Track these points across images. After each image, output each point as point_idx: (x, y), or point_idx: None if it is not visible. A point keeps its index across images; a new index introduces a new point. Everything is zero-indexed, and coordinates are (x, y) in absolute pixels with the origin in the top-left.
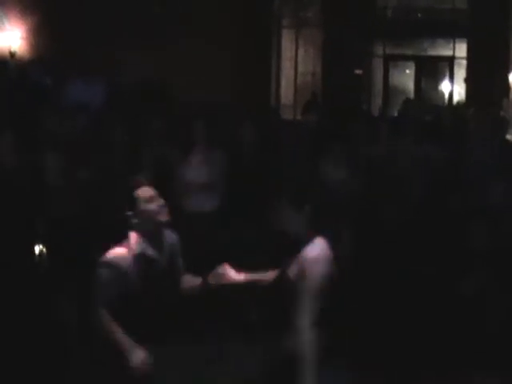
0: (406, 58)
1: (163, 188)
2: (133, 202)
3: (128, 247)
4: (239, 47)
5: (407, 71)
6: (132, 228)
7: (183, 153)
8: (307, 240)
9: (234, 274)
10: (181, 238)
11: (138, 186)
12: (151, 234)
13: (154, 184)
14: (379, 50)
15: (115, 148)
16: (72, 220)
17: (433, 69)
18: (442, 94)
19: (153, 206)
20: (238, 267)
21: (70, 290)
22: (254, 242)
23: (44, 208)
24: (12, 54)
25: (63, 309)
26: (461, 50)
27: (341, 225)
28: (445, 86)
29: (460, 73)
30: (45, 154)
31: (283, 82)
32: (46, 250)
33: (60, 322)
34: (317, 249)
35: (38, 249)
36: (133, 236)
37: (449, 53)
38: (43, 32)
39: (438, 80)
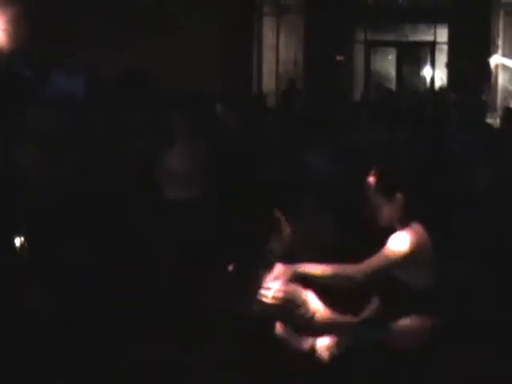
0: (388, 43)
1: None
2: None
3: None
4: (220, 36)
5: (389, 57)
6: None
7: (165, 143)
8: (400, 227)
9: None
10: (164, 228)
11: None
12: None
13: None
14: (361, 36)
15: (97, 140)
16: (52, 213)
17: (414, 54)
18: (424, 80)
19: (288, 227)
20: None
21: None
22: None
23: (25, 201)
24: None
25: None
26: (442, 35)
27: (324, 211)
28: (426, 72)
29: (441, 58)
30: (25, 146)
31: (265, 70)
32: (27, 242)
33: (37, 314)
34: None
35: (19, 241)
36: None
37: (430, 38)
38: (23, 23)
39: (419, 65)
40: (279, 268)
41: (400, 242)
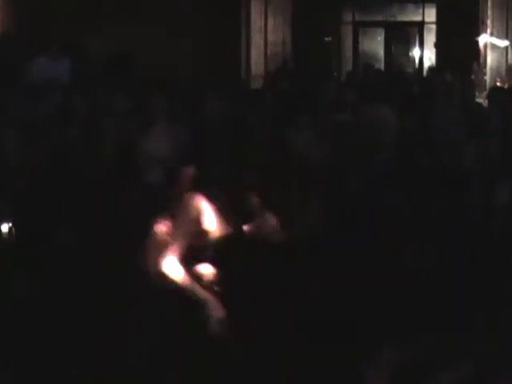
0: (376, 24)
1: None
2: None
3: None
4: (208, 19)
5: (378, 38)
6: None
7: (145, 126)
8: None
9: None
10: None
11: None
12: None
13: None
14: (348, 16)
15: (78, 123)
16: (36, 196)
17: (403, 34)
18: (413, 60)
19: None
20: None
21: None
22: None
23: (8, 185)
24: None
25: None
26: (430, 14)
27: (309, 193)
28: (415, 52)
29: (430, 38)
30: (7, 130)
31: (253, 53)
32: (14, 227)
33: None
34: None
35: (6, 226)
36: None
37: (418, 18)
38: (8, 8)
39: (408, 46)
40: None
41: None
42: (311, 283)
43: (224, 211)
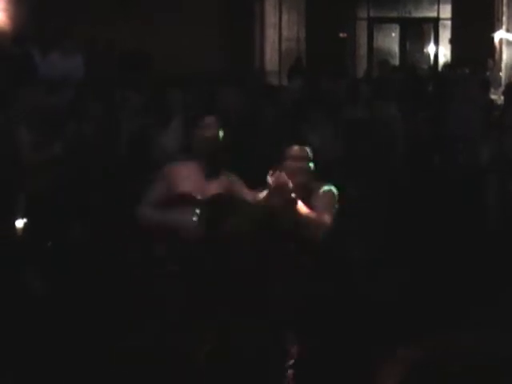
0: (391, 20)
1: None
2: None
3: None
4: (221, 15)
5: (392, 34)
6: None
7: (162, 123)
8: None
9: None
10: None
11: None
12: None
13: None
14: (363, 12)
15: (92, 121)
16: (49, 194)
17: (417, 31)
18: (428, 56)
19: None
20: None
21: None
22: None
23: (23, 183)
24: None
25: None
26: (445, 11)
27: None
28: (430, 48)
29: (445, 34)
30: (21, 128)
31: (267, 49)
32: (29, 224)
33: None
34: None
35: (21, 223)
36: None
37: (433, 14)
38: (24, 4)
39: (423, 42)
40: None
41: None
42: (323, 280)
43: None
